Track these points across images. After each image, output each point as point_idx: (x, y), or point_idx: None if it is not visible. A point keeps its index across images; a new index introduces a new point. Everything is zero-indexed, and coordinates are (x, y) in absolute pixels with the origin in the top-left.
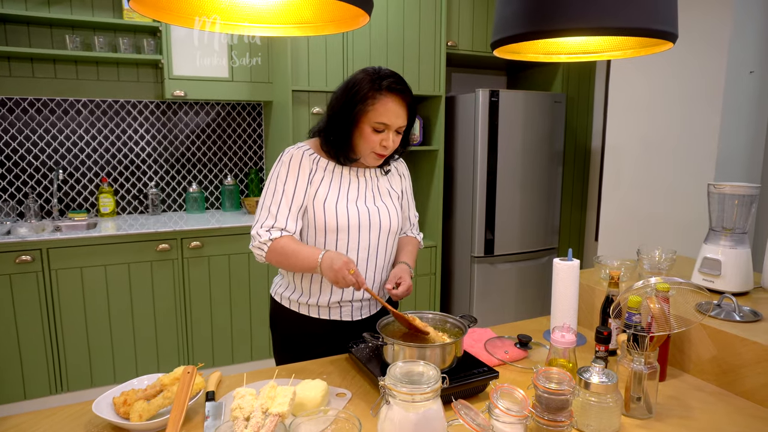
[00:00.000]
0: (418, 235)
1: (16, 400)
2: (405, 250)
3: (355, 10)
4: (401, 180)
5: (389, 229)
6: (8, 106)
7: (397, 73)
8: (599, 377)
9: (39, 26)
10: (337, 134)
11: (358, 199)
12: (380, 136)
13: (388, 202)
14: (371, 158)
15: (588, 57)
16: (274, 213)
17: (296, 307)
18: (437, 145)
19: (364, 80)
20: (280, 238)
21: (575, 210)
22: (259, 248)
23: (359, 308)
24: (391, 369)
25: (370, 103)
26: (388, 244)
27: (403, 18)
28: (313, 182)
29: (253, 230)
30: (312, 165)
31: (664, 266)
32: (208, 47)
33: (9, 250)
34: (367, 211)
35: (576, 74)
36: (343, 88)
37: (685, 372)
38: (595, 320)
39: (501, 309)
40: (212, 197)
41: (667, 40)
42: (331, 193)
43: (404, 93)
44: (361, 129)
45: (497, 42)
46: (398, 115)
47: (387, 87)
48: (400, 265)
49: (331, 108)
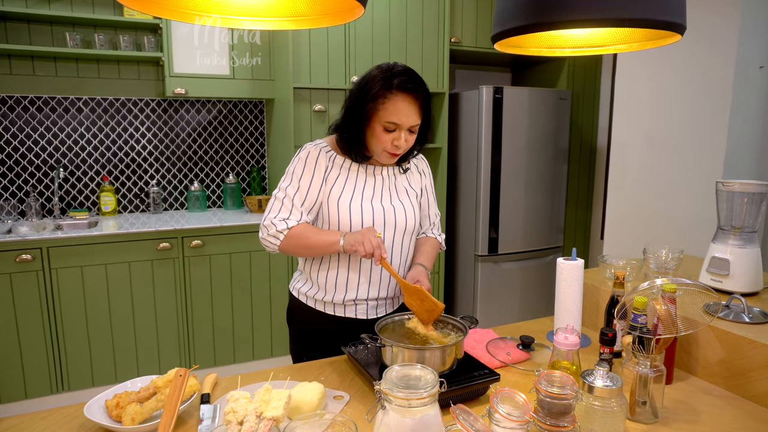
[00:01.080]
0: (440, 235)
1: (17, 399)
2: (422, 251)
3: (350, 2)
4: (421, 177)
5: (405, 228)
6: (9, 104)
7: (412, 70)
8: (603, 381)
9: (39, 24)
10: (350, 132)
11: (374, 198)
12: (392, 135)
13: (405, 200)
14: (384, 157)
15: (592, 50)
16: (289, 206)
17: (312, 303)
18: (440, 143)
19: (376, 78)
20: (298, 225)
21: (580, 208)
22: (274, 237)
23: (374, 307)
24: (387, 373)
25: (380, 102)
26: (404, 244)
27: (405, 14)
28: (328, 180)
29: (265, 220)
30: (328, 162)
31: (671, 266)
32: (209, 45)
33: (9, 249)
34: (382, 210)
35: (581, 70)
36: (358, 84)
37: (693, 375)
38: (600, 321)
39: (505, 308)
40: (214, 195)
41: (675, 31)
42: (346, 191)
43: (416, 92)
44: (372, 128)
45: (498, 35)
46: (409, 114)
47: (398, 86)
48: (417, 267)
49: (347, 104)
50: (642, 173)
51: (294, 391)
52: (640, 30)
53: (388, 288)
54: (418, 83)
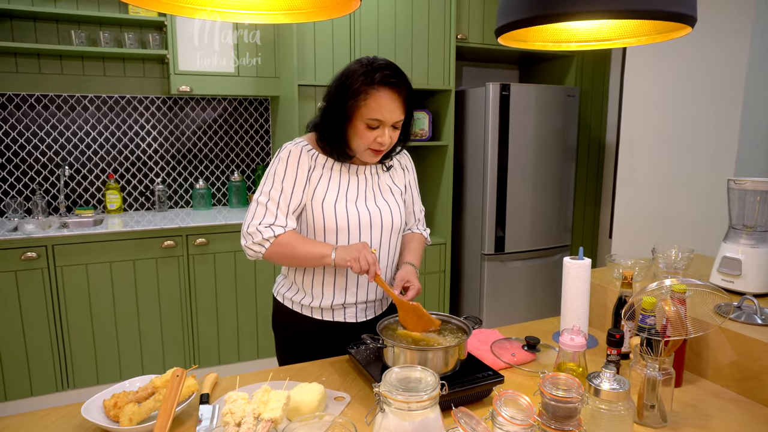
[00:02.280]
0: (425, 231)
1: (22, 396)
2: (409, 248)
3: None
4: (404, 173)
5: (391, 227)
6: (15, 102)
7: (393, 64)
8: (610, 383)
9: (45, 22)
10: (330, 130)
11: (358, 199)
12: (375, 132)
13: (390, 199)
14: (367, 155)
15: (600, 45)
16: (273, 210)
17: (299, 308)
18: (447, 141)
19: (356, 72)
20: (285, 233)
21: (589, 206)
22: (259, 245)
23: (363, 309)
24: (387, 375)
25: (362, 98)
26: (391, 243)
27: (411, 10)
28: (311, 180)
29: (248, 227)
30: (311, 162)
31: (680, 265)
32: (213, 43)
33: (14, 247)
34: (367, 212)
35: (590, 67)
36: (337, 80)
37: (703, 377)
38: (608, 322)
39: (511, 308)
40: (219, 193)
41: (685, 23)
42: (330, 193)
43: (399, 86)
44: (354, 125)
45: (501, 28)
46: (392, 110)
47: (380, 80)
48: (405, 267)
49: (326, 101)
50: (651, 171)
51: (294, 392)
52: (648, 22)
53: (377, 290)
54: (401, 77)
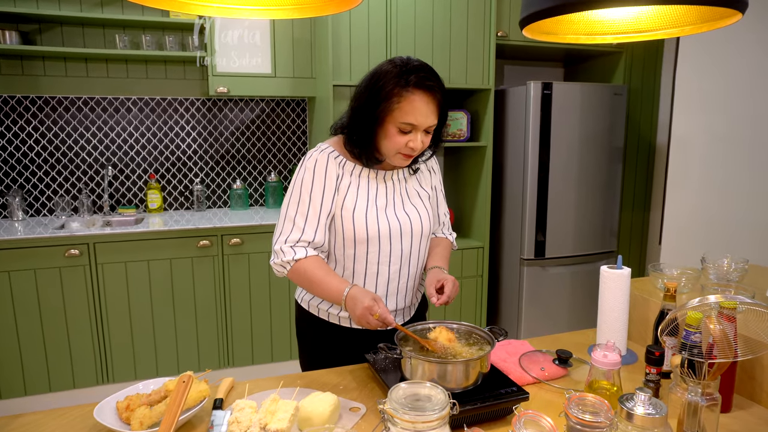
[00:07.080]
0: (450, 235)
1: (66, 388)
2: (435, 252)
3: None
4: (431, 176)
5: (421, 234)
6: (64, 105)
7: (428, 65)
8: (645, 408)
9: (92, 27)
10: (360, 134)
11: (387, 207)
12: (407, 137)
13: (418, 204)
14: (398, 159)
15: (639, 36)
16: (301, 225)
17: (325, 316)
18: (485, 141)
19: (389, 74)
20: (305, 259)
21: (637, 211)
22: (281, 266)
23: None
24: (393, 391)
25: (395, 101)
26: (421, 250)
27: (450, 7)
28: (340, 189)
29: (275, 245)
30: (338, 169)
31: (733, 277)
32: (250, 44)
33: (58, 244)
34: (397, 221)
35: (640, 63)
36: (368, 80)
37: (756, 403)
38: (649, 336)
39: (551, 317)
40: (256, 194)
41: (734, 9)
42: (360, 202)
43: (434, 90)
44: (385, 128)
45: (526, 19)
46: (426, 114)
47: (415, 83)
48: (434, 270)
49: (355, 103)
50: (705, 174)
51: (306, 401)
52: (693, 9)
53: (406, 298)
54: (437, 80)
